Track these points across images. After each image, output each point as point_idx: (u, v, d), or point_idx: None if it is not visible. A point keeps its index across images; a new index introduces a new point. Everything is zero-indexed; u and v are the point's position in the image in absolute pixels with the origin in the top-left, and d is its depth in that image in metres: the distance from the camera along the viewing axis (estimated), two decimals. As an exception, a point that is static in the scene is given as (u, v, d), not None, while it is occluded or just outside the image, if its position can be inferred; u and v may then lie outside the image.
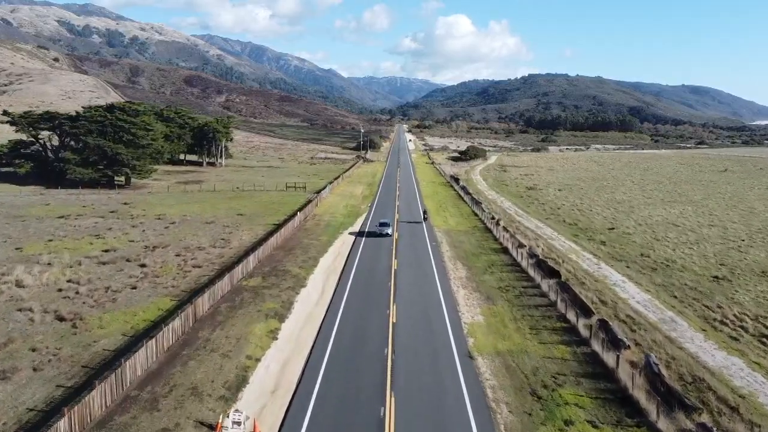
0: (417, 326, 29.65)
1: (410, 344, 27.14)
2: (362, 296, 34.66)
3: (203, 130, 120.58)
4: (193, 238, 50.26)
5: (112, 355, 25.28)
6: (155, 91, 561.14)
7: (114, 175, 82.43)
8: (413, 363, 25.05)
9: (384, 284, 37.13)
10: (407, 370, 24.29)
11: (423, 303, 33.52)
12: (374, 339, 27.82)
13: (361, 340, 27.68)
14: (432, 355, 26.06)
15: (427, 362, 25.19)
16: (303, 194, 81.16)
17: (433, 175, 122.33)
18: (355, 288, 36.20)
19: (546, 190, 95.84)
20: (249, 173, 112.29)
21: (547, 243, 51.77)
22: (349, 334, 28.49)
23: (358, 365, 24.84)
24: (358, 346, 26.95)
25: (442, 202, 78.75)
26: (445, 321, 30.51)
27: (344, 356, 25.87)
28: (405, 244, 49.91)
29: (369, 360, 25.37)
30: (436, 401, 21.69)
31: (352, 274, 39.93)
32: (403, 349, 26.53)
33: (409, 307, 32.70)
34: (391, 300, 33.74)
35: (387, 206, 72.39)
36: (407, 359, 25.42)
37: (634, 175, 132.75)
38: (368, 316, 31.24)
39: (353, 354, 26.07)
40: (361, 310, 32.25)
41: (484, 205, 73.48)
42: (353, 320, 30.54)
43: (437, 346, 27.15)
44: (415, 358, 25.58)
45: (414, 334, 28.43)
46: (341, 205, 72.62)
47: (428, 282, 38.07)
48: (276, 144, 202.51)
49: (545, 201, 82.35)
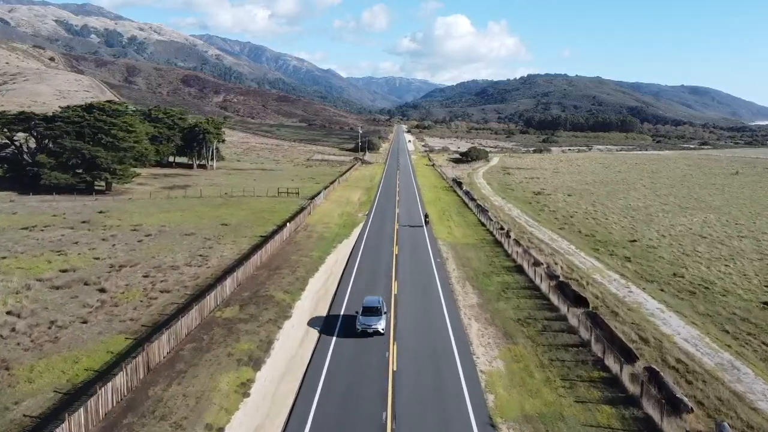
0: (423, 376, 24.04)
1: (415, 405, 21.52)
2: (357, 332, 29.04)
3: (193, 131, 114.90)
4: (168, 254, 44.66)
5: (32, 427, 19.67)
6: (152, 90, 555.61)
7: (93, 180, 76.75)
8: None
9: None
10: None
11: (430, 342, 27.94)
12: (370, 396, 22.22)
13: (354, 400, 22.07)
14: (443, 423, 20.45)
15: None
16: (296, 200, 75.59)
17: (435, 178, 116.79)
18: (349, 321, 30.56)
19: (555, 195, 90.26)
20: (240, 177, 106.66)
21: (566, 259, 46.20)
22: (338, 390, 22.90)
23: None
24: (350, 409, 21.35)
25: (445, 209, 73.19)
26: (457, 368, 24.90)
27: (332, 422, 20.30)
28: (406, 261, 44.34)
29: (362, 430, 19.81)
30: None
31: (345, 300, 34.32)
32: (407, 412, 20.94)
33: (414, 347, 27.14)
34: (391, 339, 28.17)
35: (386, 214, 66.83)
36: (412, 429, 19.86)
37: (643, 178, 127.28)
38: (363, 360, 25.67)
39: (342, 421, 20.49)
40: (355, 352, 26.68)
41: (491, 212, 67.94)
42: (344, 367, 24.95)
43: (449, 408, 21.52)
44: (422, 428, 20.01)
45: (420, 390, 22.81)
46: (336, 214, 67.02)
47: (434, 312, 32.45)
48: (272, 145, 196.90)
49: (556, 208, 76.80)
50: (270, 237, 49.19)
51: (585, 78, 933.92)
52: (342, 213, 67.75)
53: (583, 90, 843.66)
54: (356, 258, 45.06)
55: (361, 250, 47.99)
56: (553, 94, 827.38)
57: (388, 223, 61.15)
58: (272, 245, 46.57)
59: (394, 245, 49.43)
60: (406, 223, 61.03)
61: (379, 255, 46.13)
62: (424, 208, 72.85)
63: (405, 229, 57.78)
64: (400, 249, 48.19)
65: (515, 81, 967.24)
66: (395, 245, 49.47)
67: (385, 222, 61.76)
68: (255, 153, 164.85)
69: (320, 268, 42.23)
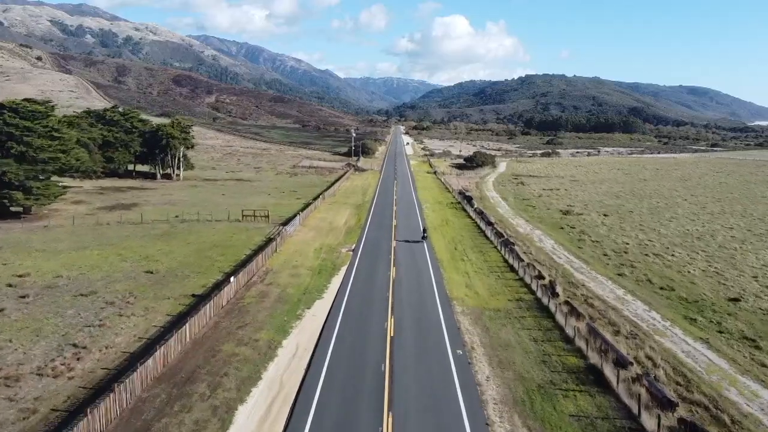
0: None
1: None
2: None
3: (156, 136, 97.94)
4: (25, 341, 27.79)
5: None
6: (142, 91, 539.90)
7: (5, 200, 59.70)
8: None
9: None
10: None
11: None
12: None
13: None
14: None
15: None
16: (264, 227, 58.68)
17: (438, 190, 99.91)
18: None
19: (588, 216, 73.39)
20: (208, 190, 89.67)
21: (661, 347, 29.18)
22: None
23: None
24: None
25: (456, 239, 56.33)
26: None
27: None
28: (408, 355, 27.40)
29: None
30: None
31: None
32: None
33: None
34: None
35: (380, 248, 49.92)
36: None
37: (677, 189, 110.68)
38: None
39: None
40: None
41: (518, 245, 51.15)
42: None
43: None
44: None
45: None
46: (313, 249, 50.08)
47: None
48: (258, 149, 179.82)
49: (597, 236, 59.92)
50: (203, 301, 32.33)
51: (583, 78, 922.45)
52: (321, 247, 50.80)
53: (582, 90, 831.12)
54: (328, 346, 28.17)
55: (337, 326, 31.10)
56: (552, 94, 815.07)
57: (382, 265, 44.26)
58: (198, 321, 29.69)
59: (388, 316, 32.57)
60: (406, 264, 44.30)
61: (364, 338, 29.27)
62: (427, 229, 56.55)
63: (406, 277, 40.95)
64: (397, 324, 31.29)
65: (513, 81, 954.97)
66: (390, 316, 32.61)
67: (378, 263, 44.90)
68: (236, 158, 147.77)
69: (264, 373, 25.25)
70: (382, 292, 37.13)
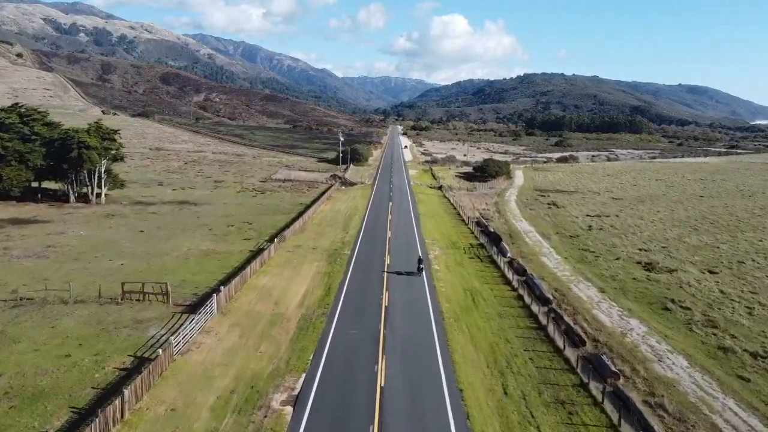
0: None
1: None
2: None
3: (65, 145, 71.98)
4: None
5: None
6: (126, 89, 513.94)
7: None
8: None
9: None
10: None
11: None
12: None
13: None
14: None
15: None
16: (152, 316, 32.92)
17: (449, 218, 74.12)
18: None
19: (686, 273, 47.35)
20: (126, 222, 63.62)
21: None
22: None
23: None
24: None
25: (498, 353, 30.69)
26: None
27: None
28: None
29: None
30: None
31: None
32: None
33: None
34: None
35: (354, 390, 24.44)
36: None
37: (755, 209, 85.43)
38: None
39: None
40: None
41: (631, 380, 25.74)
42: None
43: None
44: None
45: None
46: (211, 398, 24.36)
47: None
48: (231, 156, 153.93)
49: (726, 323, 34.36)
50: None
51: (583, 77, 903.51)
52: (232, 388, 25.04)
53: (583, 89, 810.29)
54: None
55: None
56: (552, 93, 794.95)
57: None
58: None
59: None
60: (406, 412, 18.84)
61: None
62: (440, 316, 31.38)
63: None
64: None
65: (512, 80, 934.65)
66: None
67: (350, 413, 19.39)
68: (198, 168, 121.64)
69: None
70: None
